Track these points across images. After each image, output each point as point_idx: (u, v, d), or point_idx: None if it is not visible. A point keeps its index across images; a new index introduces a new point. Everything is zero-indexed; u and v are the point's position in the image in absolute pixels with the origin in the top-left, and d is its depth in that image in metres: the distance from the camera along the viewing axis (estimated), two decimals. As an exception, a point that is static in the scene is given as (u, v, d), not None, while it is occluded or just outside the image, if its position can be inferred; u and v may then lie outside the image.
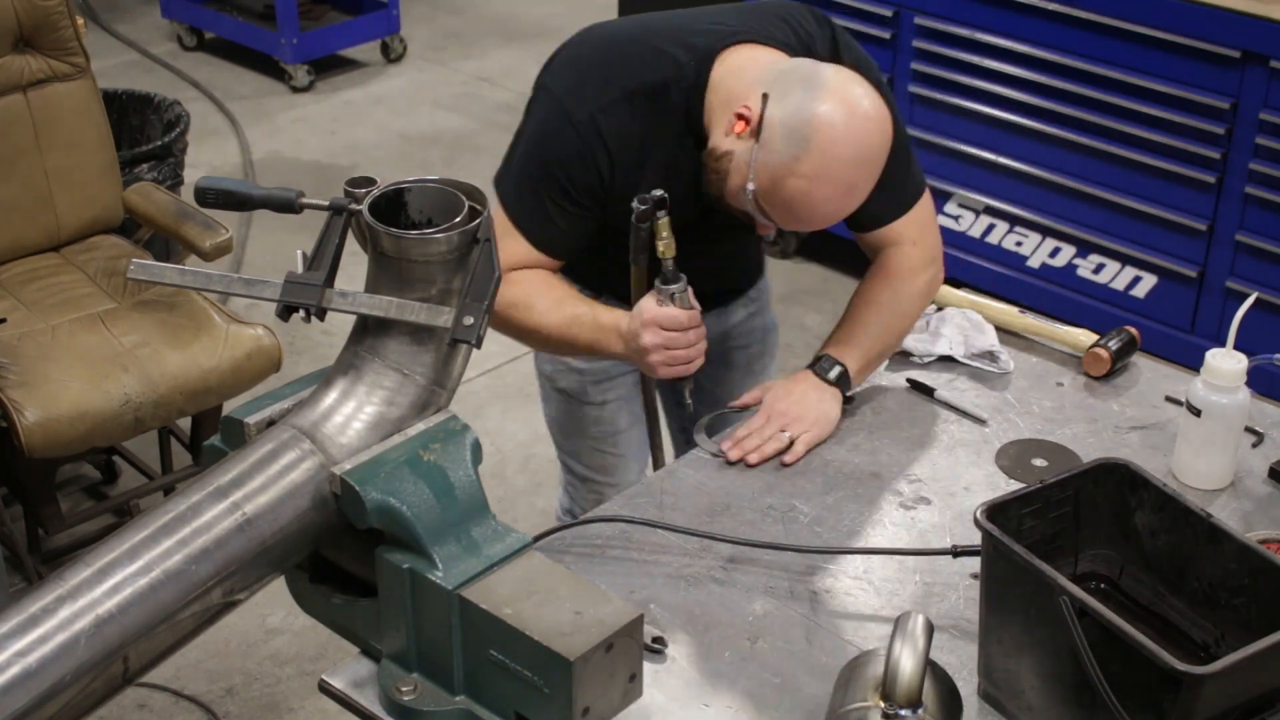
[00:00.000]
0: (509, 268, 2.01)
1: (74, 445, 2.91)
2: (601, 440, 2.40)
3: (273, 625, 3.13)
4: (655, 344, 1.97)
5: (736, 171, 1.94)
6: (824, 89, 1.87)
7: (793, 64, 1.96)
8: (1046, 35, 3.73)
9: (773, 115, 1.88)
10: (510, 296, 2.03)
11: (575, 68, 2.04)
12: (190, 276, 1.60)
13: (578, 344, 2.08)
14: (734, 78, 1.98)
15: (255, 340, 3.09)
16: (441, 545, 1.50)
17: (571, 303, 2.07)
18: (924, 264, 2.19)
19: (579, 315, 2.05)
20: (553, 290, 2.07)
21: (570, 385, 2.36)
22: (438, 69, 6.01)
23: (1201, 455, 1.98)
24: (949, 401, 2.18)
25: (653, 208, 1.94)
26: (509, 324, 2.07)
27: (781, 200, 1.92)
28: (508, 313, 2.05)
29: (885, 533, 1.92)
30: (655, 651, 1.69)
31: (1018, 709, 1.59)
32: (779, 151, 1.88)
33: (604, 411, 2.38)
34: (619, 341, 2.03)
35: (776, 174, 1.89)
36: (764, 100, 1.89)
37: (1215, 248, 3.62)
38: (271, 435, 1.52)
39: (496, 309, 2.01)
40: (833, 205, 1.93)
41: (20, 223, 3.27)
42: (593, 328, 2.04)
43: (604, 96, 1.99)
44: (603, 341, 2.05)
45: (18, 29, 3.18)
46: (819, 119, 1.86)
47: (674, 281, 1.98)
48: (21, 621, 1.34)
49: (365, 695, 1.62)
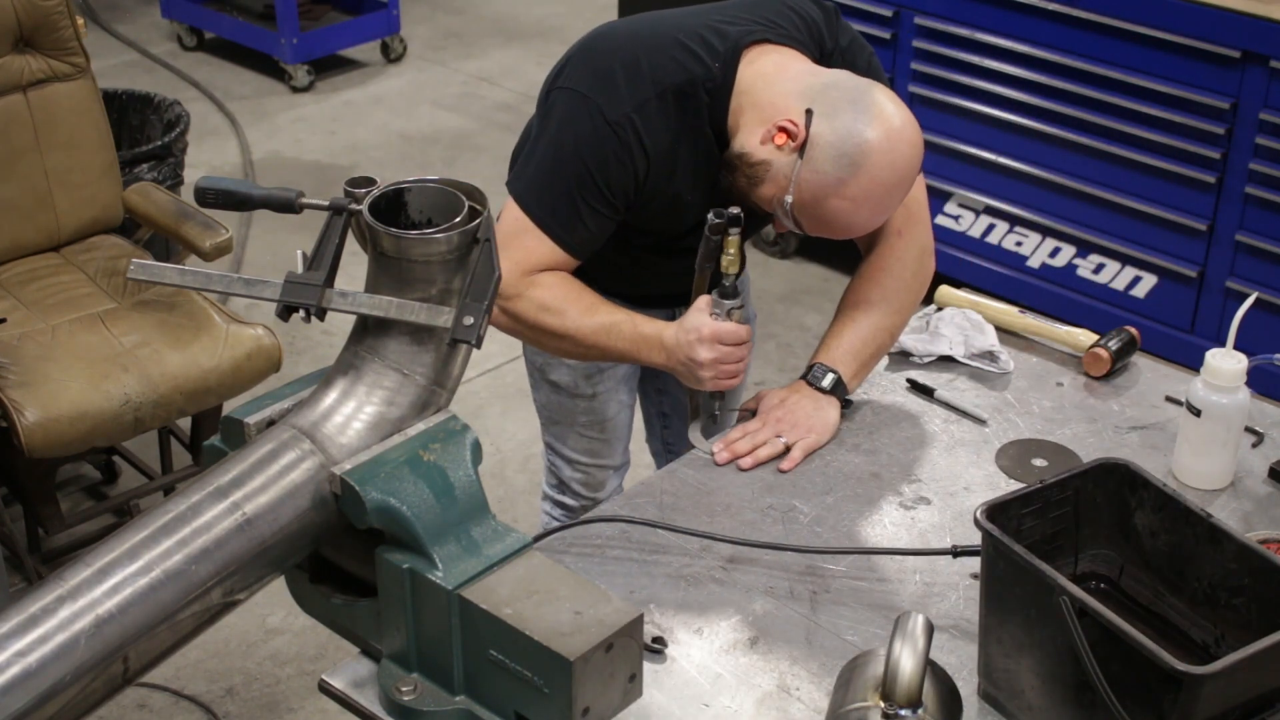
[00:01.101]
0: (530, 269, 2.01)
1: (74, 445, 2.91)
2: (589, 427, 2.41)
3: (273, 625, 3.13)
4: (711, 359, 1.99)
5: (773, 181, 1.95)
6: (873, 114, 1.90)
7: (832, 78, 1.97)
8: (1046, 35, 3.73)
9: (820, 134, 1.90)
10: (540, 300, 2.02)
11: (598, 68, 2.01)
12: (190, 276, 1.60)
13: (612, 352, 2.07)
14: (763, 82, 1.98)
15: (255, 340, 3.09)
16: (441, 545, 1.50)
17: (605, 310, 2.06)
18: (913, 256, 2.18)
19: (617, 323, 2.04)
20: (583, 296, 2.05)
21: (561, 378, 2.36)
22: (438, 69, 6.01)
23: (1201, 455, 1.98)
24: (949, 401, 2.18)
25: (727, 223, 1.96)
26: (540, 329, 2.06)
27: (819, 215, 1.95)
28: (538, 318, 2.04)
29: (885, 533, 1.92)
30: (655, 651, 1.69)
31: (1018, 709, 1.59)
32: (826, 172, 1.90)
33: (594, 402, 2.38)
34: (661, 353, 2.03)
35: (819, 193, 1.92)
36: (809, 116, 1.91)
37: (1215, 248, 3.62)
38: (271, 435, 1.52)
39: (526, 313, 2.03)
40: (867, 223, 1.99)
41: (20, 223, 3.27)
42: (632, 337, 2.04)
43: (637, 96, 1.97)
44: (642, 352, 2.05)
45: (18, 29, 3.18)
46: (870, 145, 1.89)
47: (733, 297, 1.99)
48: (21, 621, 1.34)
49: (365, 695, 1.62)
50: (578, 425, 2.41)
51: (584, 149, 1.99)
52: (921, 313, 2.34)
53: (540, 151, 2.04)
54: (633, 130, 1.97)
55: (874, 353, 2.18)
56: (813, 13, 2.10)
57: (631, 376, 2.43)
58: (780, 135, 1.93)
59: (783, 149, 1.93)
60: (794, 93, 1.95)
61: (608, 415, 2.41)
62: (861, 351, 2.14)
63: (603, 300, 2.07)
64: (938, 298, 2.39)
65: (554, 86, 2.05)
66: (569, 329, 2.04)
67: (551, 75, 2.07)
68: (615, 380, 2.38)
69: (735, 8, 2.10)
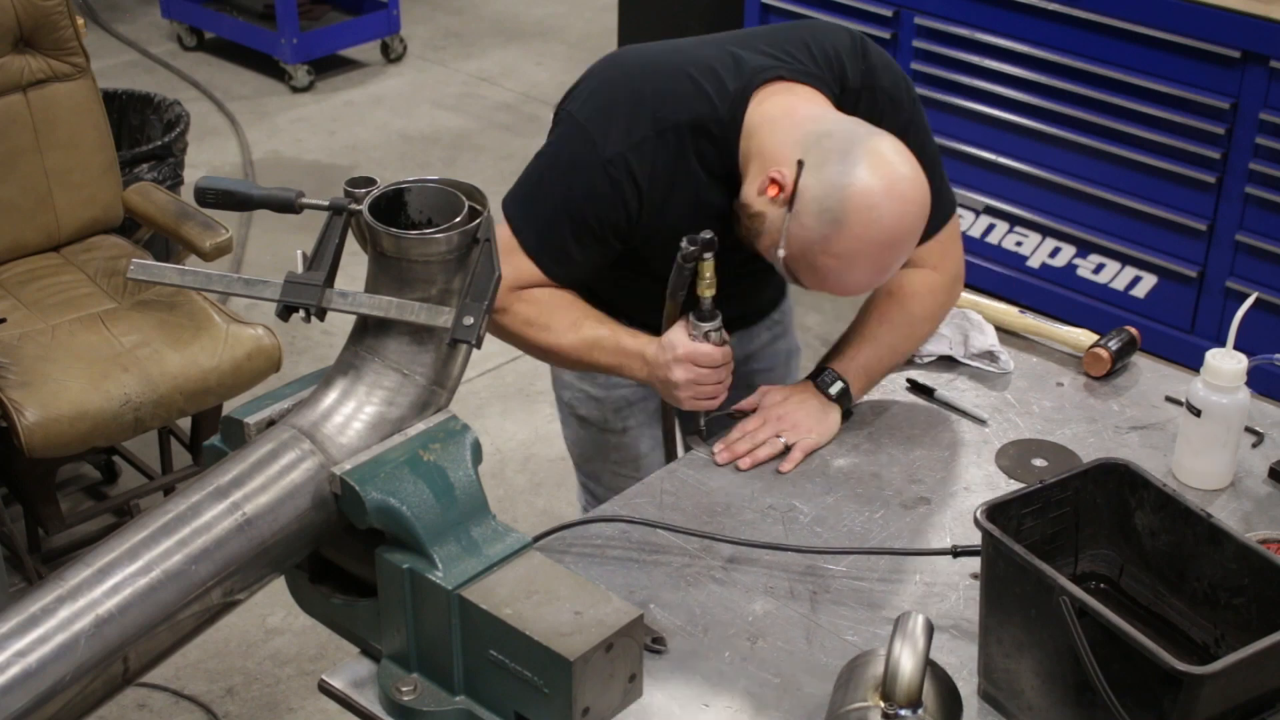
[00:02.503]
0: (517, 285, 1.99)
1: (74, 445, 2.91)
2: (622, 465, 2.36)
3: (273, 625, 3.13)
4: (686, 379, 1.96)
5: (768, 234, 1.89)
6: (862, 164, 1.80)
7: (832, 126, 1.88)
8: (1046, 35, 3.73)
9: (806, 188, 1.82)
10: (525, 315, 2.00)
11: (604, 98, 1.97)
12: (190, 276, 1.60)
13: (598, 366, 2.05)
14: (769, 127, 1.91)
15: (255, 340, 3.09)
16: (441, 545, 1.50)
17: (591, 324, 2.03)
18: (942, 287, 2.15)
19: (600, 338, 2.02)
20: (570, 309, 2.03)
21: (590, 413, 2.33)
22: (438, 69, 6.01)
23: (1201, 455, 1.98)
24: (949, 401, 2.18)
25: (700, 249, 1.90)
26: (525, 342, 2.04)
27: (811, 271, 1.87)
28: (523, 331, 2.02)
29: (885, 533, 1.92)
30: (655, 651, 1.69)
31: (1018, 709, 1.59)
32: (811, 228, 1.82)
33: (625, 438, 2.34)
34: (643, 368, 2.01)
35: (807, 249, 1.84)
36: (799, 168, 1.82)
37: (1215, 248, 3.62)
38: (271, 435, 1.52)
39: (512, 327, 2.00)
40: (863, 281, 1.90)
41: (20, 223, 3.27)
42: (615, 351, 2.02)
43: (635, 133, 1.93)
44: (626, 366, 2.03)
45: (18, 29, 3.18)
46: (854, 200, 1.79)
47: (710, 320, 1.96)
48: (21, 621, 1.34)
49: (365, 695, 1.62)
50: (610, 462, 2.37)
51: (575, 184, 1.95)
52: (921, 313, 2.34)
53: (538, 179, 2.01)
54: (625, 168, 1.92)
55: (883, 372, 2.16)
56: (839, 44, 2.01)
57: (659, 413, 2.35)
58: (772, 187, 1.86)
59: (774, 201, 1.86)
60: (791, 142, 1.86)
61: (640, 452, 2.35)
62: (874, 370, 2.13)
63: (589, 313, 2.03)
64: (938, 298, 2.38)
65: (561, 108, 2.02)
66: (552, 344, 2.03)
67: (565, 94, 2.04)
68: (646, 415, 2.33)
69: (757, 37, 2.03)
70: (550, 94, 5.51)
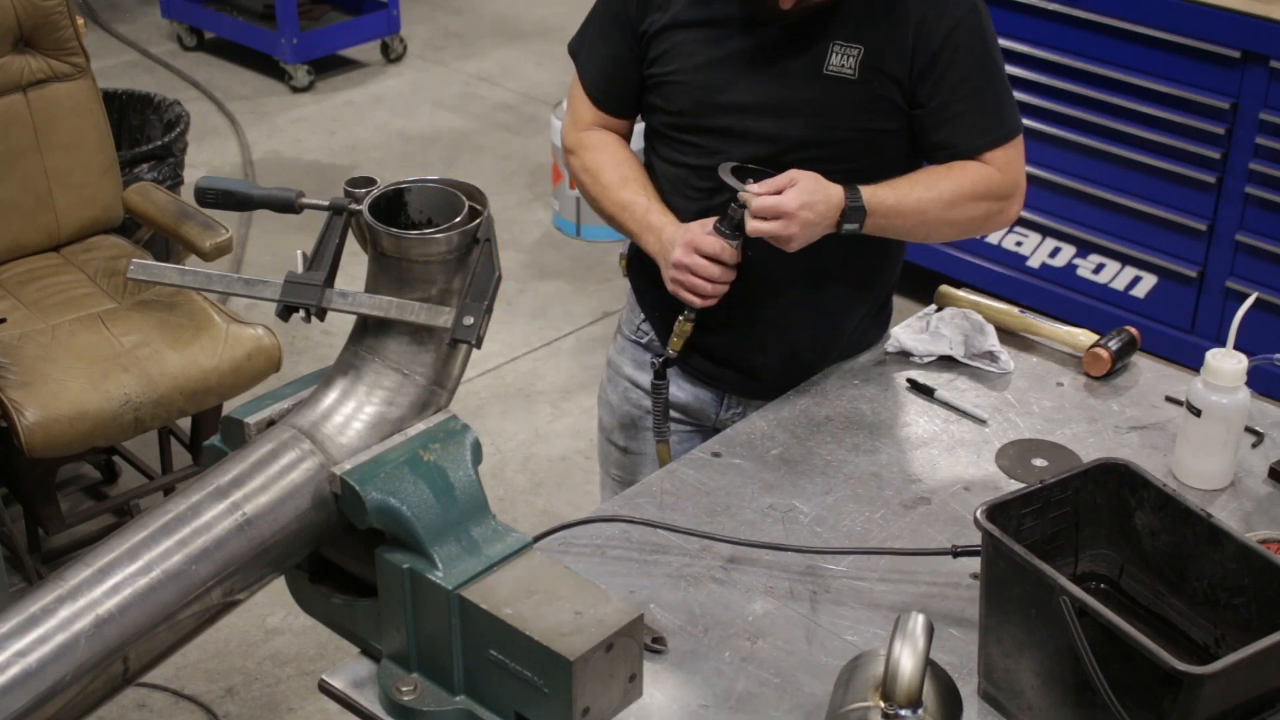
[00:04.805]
0: (578, 122, 2.20)
1: (74, 445, 2.91)
2: (621, 483, 2.37)
3: (273, 625, 3.13)
4: (682, 263, 2.02)
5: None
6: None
7: None
8: (1046, 35, 3.73)
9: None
10: (584, 162, 2.19)
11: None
12: (190, 276, 1.60)
13: (625, 229, 2.17)
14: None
15: (255, 340, 3.09)
16: (441, 545, 1.50)
17: (632, 188, 2.14)
18: (1002, 188, 2.07)
19: (634, 203, 2.13)
20: (619, 168, 2.16)
21: (604, 417, 2.38)
22: (438, 69, 6.01)
23: (1201, 455, 1.98)
24: (949, 401, 2.18)
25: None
26: (581, 186, 2.23)
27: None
28: (580, 176, 2.21)
29: (885, 533, 1.92)
30: (655, 651, 1.69)
31: (1018, 709, 1.59)
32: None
33: (626, 459, 2.36)
34: (655, 244, 2.10)
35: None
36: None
37: (1215, 248, 3.62)
38: (271, 435, 1.52)
39: (573, 170, 2.21)
40: None
41: (20, 223, 3.27)
42: (640, 222, 2.12)
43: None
44: (643, 236, 2.12)
45: (18, 29, 3.18)
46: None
47: (736, 229, 1.99)
48: (21, 621, 1.34)
49: (365, 695, 1.62)
50: (610, 467, 2.40)
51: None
52: (921, 313, 2.34)
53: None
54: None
55: (901, 225, 2.05)
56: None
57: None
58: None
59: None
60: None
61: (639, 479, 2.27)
62: (904, 209, 2.02)
63: (634, 179, 2.15)
64: (937, 298, 2.38)
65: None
66: (597, 196, 2.18)
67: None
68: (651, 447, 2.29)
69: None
70: (550, 94, 5.51)
